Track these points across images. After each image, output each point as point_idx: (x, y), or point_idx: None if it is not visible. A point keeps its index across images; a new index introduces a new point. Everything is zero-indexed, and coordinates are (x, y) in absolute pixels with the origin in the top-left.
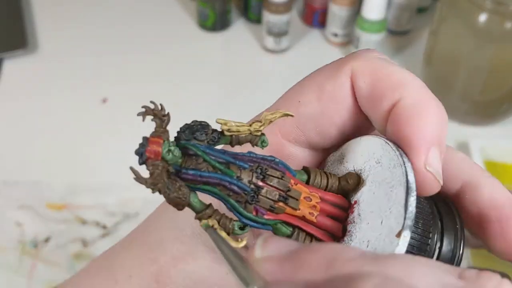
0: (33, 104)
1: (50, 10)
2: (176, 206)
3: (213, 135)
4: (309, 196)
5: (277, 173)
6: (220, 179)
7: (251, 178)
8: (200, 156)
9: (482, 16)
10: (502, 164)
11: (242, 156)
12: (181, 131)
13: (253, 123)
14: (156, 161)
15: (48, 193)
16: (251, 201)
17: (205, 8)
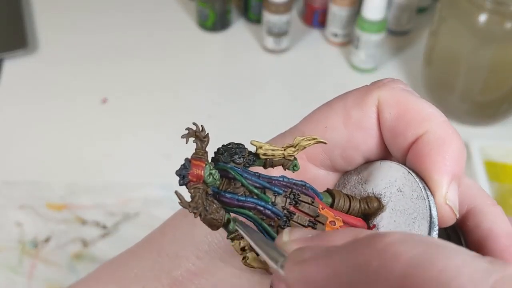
0: (33, 104)
1: (50, 10)
2: (211, 226)
3: (249, 158)
4: (334, 220)
5: (308, 198)
6: (256, 203)
7: (285, 204)
8: (238, 180)
9: (482, 16)
10: (502, 164)
11: (276, 181)
12: (219, 153)
13: (287, 148)
14: (197, 184)
15: (48, 193)
16: (283, 225)
17: (205, 8)
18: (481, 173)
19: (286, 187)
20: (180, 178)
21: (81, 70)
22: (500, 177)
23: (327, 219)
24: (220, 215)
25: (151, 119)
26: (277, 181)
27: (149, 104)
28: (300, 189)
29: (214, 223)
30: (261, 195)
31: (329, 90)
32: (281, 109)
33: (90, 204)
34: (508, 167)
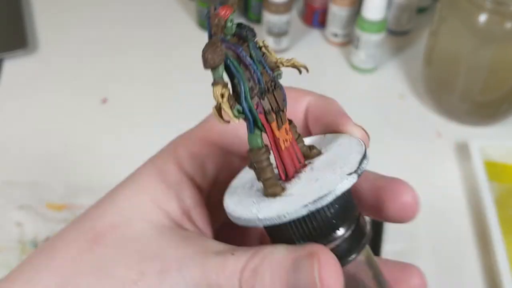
0: (33, 104)
1: (50, 10)
2: (205, 63)
3: (255, 43)
4: (288, 131)
5: (282, 95)
6: (251, 64)
7: (268, 82)
8: (247, 42)
9: (482, 16)
10: (502, 164)
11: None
12: (241, 24)
13: (281, 58)
14: (220, 20)
15: (48, 193)
16: (260, 94)
17: (205, 8)
18: (481, 173)
19: (272, 75)
20: (212, 10)
21: (81, 70)
22: (500, 177)
23: (286, 123)
24: (219, 55)
25: (151, 119)
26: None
27: (149, 104)
28: (279, 86)
29: (210, 59)
30: (256, 62)
31: (329, 90)
32: None
33: (90, 204)
34: (508, 167)
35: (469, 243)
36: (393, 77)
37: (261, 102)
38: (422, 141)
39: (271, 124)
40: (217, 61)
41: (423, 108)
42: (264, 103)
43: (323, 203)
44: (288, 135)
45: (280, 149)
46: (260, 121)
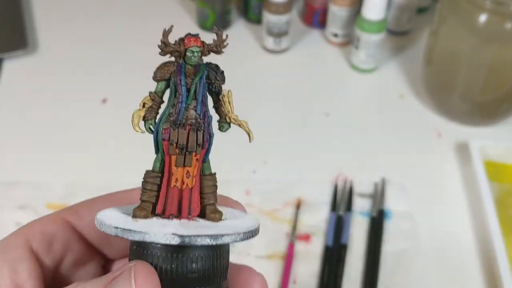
0: (33, 104)
1: (50, 10)
2: (153, 74)
3: (215, 86)
4: (191, 176)
5: (198, 140)
6: (181, 95)
7: (191, 119)
8: (197, 77)
9: (482, 16)
10: (502, 164)
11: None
12: (212, 63)
13: (234, 115)
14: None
15: (48, 193)
16: (173, 125)
17: (205, 8)
18: (481, 173)
19: (204, 119)
20: (183, 37)
21: (81, 70)
22: (500, 177)
23: (191, 167)
24: (164, 74)
25: None
26: (207, 113)
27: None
28: (204, 130)
29: (156, 73)
30: (189, 97)
31: (329, 90)
32: (281, 109)
33: None
34: (508, 167)
35: (469, 243)
36: (393, 77)
37: (171, 131)
38: (422, 141)
39: (170, 156)
40: (159, 77)
41: (423, 108)
42: (173, 134)
43: (134, 237)
44: (189, 181)
45: (168, 185)
46: (161, 147)
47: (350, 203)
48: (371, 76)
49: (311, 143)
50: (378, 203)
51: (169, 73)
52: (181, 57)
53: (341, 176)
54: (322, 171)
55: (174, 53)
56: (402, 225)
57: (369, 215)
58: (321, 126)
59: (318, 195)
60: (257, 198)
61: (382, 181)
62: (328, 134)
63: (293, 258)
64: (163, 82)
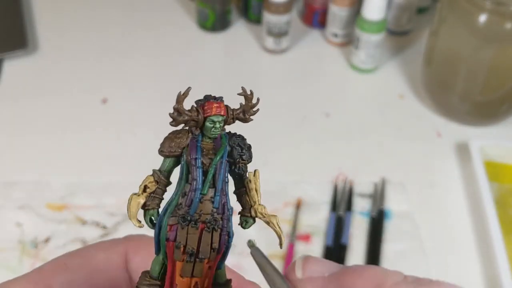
0: (33, 104)
1: (50, 10)
2: (160, 146)
3: (239, 167)
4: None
5: (212, 244)
6: (195, 180)
7: (206, 216)
8: (219, 156)
9: (482, 16)
10: (502, 165)
11: (227, 205)
12: (237, 134)
13: (262, 209)
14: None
15: (48, 193)
16: (181, 221)
17: (205, 9)
18: (481, 173)
19: (223, 213)
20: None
21: (81, 70)
22: (500, 177)
23: (201, 276)
24: (175, 149)
25: (151, 119)
26: (226, 205)
27: (149, 104)
28: (222, 229)
29: (165, 146)
30: (206, 185)
31: (329, 90)
32: (281, 110)
33: (90, 205)
34: (508, 167)
35: (469, 243)
36: (393, 77)
37: (178, 230)
38: (422, 141)
39: (175, 262)
40: (167, 152)
41: (423, 108)
42: (180, 234)
43: None
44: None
45: None
46: (163, 249)
47: (350, 203)
48: (371, 76)
49: (311, 143)
50: (378, 203)
51: (181, 148)
52: (198, 127)
53: (341, 176)
54: (322, 171)
55: (190, 122)
56: (402, 225)
57: (369, 215)
58: (321, 126)
59: (318, 195)
60: None
61: (382, 181)
62: (328, 134)
63: (293, 258)
64: (172, 158)
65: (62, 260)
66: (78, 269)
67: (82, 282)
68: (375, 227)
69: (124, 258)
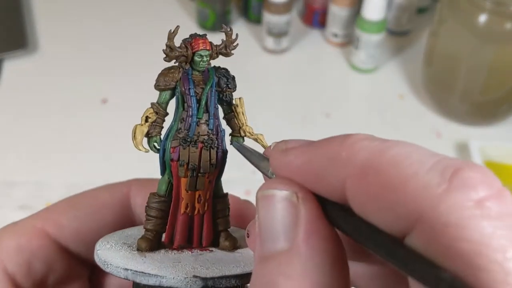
0: (33, 104)
1: (50, 10)
2: (155, 82)
3: (226, 95)
4: (204, 201)
5: (212, 159)
6: (191, 107)
7: (203, 136)
8: (208, 86)
9: (482, 16)
10: (502, 165)
11: (219, 127)
12: (221, 67)
13: (250, 129)
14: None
15: (48, 193)
16: (183, 143)
17: (205, 8)
18: None
19: (217, 133)
20: (189, 36)
21: (81, 70)
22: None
23: (203, 189)
24: (169, 82)
25: None
26: (219, 127)
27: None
28: (218, 147)
29: (160, 81)
30: (201, 110)
31: (329, 90)
32: (281, 109)
33: None
34: (508, 167)
35: None
36: (393, 77)
37: (180, 150)
38: (422, 141)
39: (180, 178)
40: (162, 86)
41: (423, 108)
42: (183, 153)
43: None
44: (200, 206)
45: (178, 211)
46: (169, 168)
47: None
48: (371, 76)
49: None
50: None
51: (174, 81)
52: (188, 62)
53: None
54: None
55: (180, 57)
56: None
57: None
58: (321, 126)
59: None
60: None
61: None
62: (328, 134)
63: None
64: (168, 91)
65: (70, 199)
66: (85, 207)
67: (89, 218)
68: None
69: (127, 197)
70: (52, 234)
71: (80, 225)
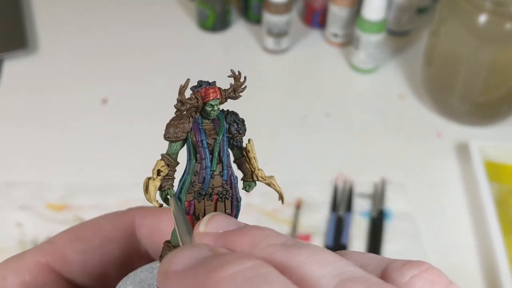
0: (33, 105)
1: (50, 10)
2: (165, 133)
3: (237, 140)
4: None
5: (229, 208)
6: (205, 159)
7: (217, 188)
8: (221, 135)
9: (482, 17)
10: (502, 165)
11: (231, 172)
12: (230, 111)
13: (262, 172)
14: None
15: (48, 193)
16: (197, 197)
17: (205, 9)
18: (481, 174)
19: (231, 183)
20: (198, 83)
21: (81, 70)
22: (500, 178)
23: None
24: (181, 133)
25: (151, 119)
26: (232, 176)
27: (149, 104)
28: (232, 198)
29: (171, 132)
30: (214, 162)
31: (329, 90)
32: (281, 110)
33: (90, 205)
34: (508, 168)
35: (469, 243)
36: (393, 77)
37: (195, 204)
38: (422, 141)
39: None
40: (173, 137)
41: (423, 108)
42: (198, 207)
43: None
44: None
45: None
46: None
47: (350, 203)
48: (371, 76)
49: (311, 143)
50: (378, 203)
51: (185, 132)
52: (198, 111)
53: (341, 176)
54: (322, 171)
55: (191, 109)
56: (402, 226)
57: (369, 216)
58: (321, 126)
59: (318, 195)
60: (257, 198)
61: (382, 181)
62: (328, 134)
63: None
64: (179, 142)
65: (73, 231)
66: (90, 239)
67: (94, 251)
68: (375, 228)
69: (132, 227)
70: (58, 269)
71: (85, 258)
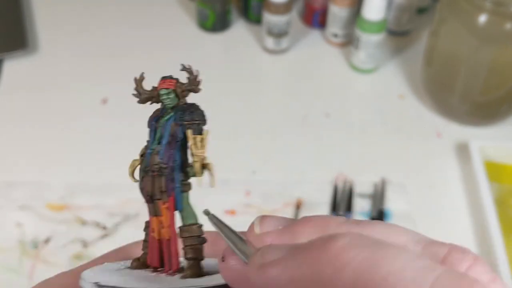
0: (33, 105)
1: (50, 10)
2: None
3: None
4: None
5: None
6: (149, 141)
7: (155, 165)
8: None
9: (482, 17)
10: (502, 165)
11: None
12: (190, 103)
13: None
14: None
15: (48, 193)
16: (143, 172)
17: (205, 9)
18: (481, 174)
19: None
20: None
21: (81, 70)
22: (500, 178)
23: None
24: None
25: None
26: (172, 157)
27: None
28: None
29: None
30: (155, 141)
31: (329, 90)
32: (281, 110)
33: (90, 205)
34: (508, 168)
35: (469, 243)
36: (393, 77)
37: (141, 179)
38: (422, 141)
39: (148, 204)
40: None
41: (423, 108)
42: (142, 182)
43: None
44: (164, 231)
45: (149, 235)
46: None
47: (350, 203)
48: (371, 76)
49: (311, 143)
50: (378, 203)
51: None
52: (158, 101)
53: (341, 176)
54: (322, 171)
55: (151, 98)
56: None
57: (369, 215)
58: (321, 126)
59: (318, 195)
60: (257, 198)
61: (382, 181)
62: (328, 134)
63: None
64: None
65: (97, 260)
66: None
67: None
68: None
69: None
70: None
71: None
